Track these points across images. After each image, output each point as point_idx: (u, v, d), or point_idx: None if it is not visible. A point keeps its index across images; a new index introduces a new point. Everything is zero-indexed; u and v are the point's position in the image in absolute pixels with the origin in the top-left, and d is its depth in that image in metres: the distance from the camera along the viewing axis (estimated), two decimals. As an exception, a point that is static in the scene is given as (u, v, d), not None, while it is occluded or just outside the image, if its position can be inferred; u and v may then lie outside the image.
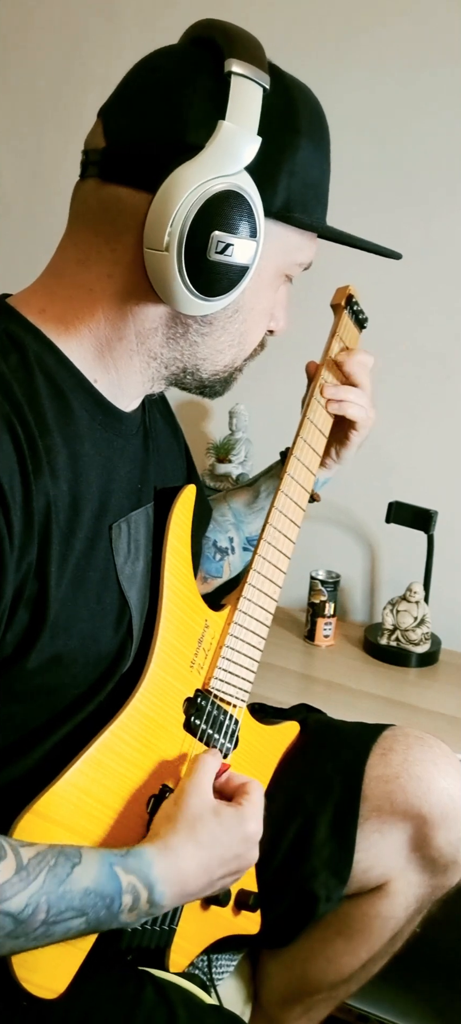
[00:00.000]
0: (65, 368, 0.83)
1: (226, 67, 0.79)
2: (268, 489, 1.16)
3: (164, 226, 0.78)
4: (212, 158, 0.78)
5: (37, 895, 0.72)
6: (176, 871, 0.80)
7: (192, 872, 0.81)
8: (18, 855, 0.72)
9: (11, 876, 0.71)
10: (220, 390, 0.94)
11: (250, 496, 1.17)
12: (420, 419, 1.82)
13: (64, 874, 0.74)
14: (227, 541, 1.15)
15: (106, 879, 0.76)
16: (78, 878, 0.74)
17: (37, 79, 2.12)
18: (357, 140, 1.76)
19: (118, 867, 0.77)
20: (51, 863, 0.73)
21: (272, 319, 0.93)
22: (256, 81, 0.80)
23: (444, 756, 1.08)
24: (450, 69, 1.70)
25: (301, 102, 0.85)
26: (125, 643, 0.88)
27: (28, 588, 0.77)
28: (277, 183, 0.83)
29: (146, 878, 0.78)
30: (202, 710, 0.94)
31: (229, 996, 1.12)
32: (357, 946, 1.11)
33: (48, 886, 0.72)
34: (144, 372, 0.88)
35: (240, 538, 1.17)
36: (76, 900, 0.74)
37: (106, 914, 0.76)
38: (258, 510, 1.16)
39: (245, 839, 0.86)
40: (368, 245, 0.93)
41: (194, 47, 0.85)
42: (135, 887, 0.77)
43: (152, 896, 0.78)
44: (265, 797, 0.91)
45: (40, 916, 0.72)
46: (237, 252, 0.80)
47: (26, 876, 0.72)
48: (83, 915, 0.74)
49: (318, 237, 0.91)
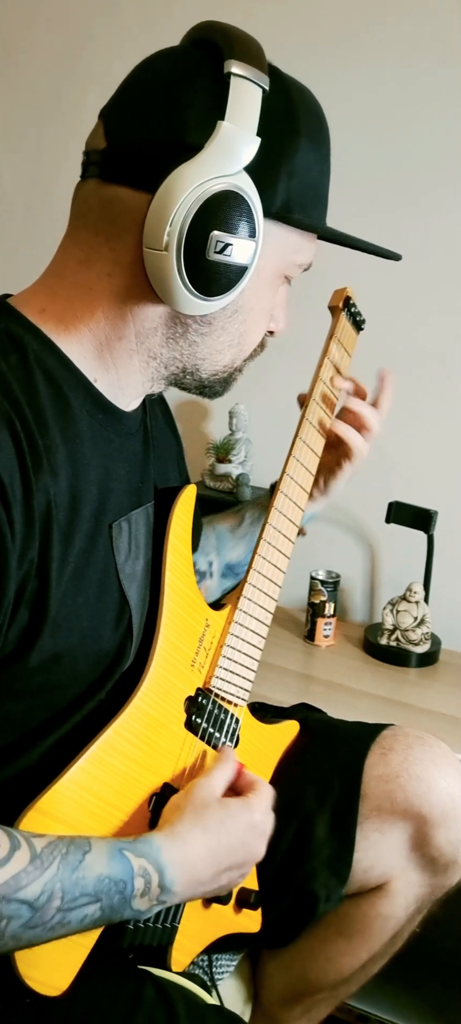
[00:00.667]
0: (65, 367, 0.83)
1: (226, 68, 0.79)
2: (253, 517, 1.17)
3: (163, 226, 0.78)
4: (211, 158, 0.78)
5: (51, 882, 0.72)
6: (184, 855, 0.81)
7: (200, 857, 0.82)
8: (31, 844, 0.73)
9: (26, 865, 0.72)
10: (220, 390, 0.94)
11: (235, 522, 1.18)
12: (420, 419, 1.82)
13: (77, 861, 0.74)
14: (206, 564, 1.15)
15: (118, 864, 0.77)
16: (90, 864, 0.75)
17: (37, 79, 2.12)
18: (357, 140, 1.76)
19: (128, 852, 0.78)
20: (63, 851, 0.74)
21: (272, 320, 0.93)
22: (256, 82, 0.80)
23: (444, 756, 1.08)
24: (450, 69, 1.70)
25: (301, 103, 0.86)
26: (125, 641, 0.88)
27: (29, 586, 0.77)
28: (276, 184, 0.83)
29: (156, 861, 0.79)
30: (203, 709, 0.94)
31: (229, 996, 1.12)
32: (357, 946, 1.11)
33: (62, 873, 0.73)
34: (144, 372, 0.88)
35: (220, 563, 1.17)
36: (90, 886, 0.74)
37: (119, 899, 0.76)
38: (241, 537, 1.16)
39: (251, 826, 0.87)
40: (368, 246, 0.93)
41: (194, 48, 0.85)
42: (146, 870, 0.78)
43: (163, 880, 0.79)
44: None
45: (55, 903, 0.72)
46: (236, 252, 0.80)
47: (40, 864, 0.72)
48: (97, 901, 0.75)
49: (318, 238, 0.91)
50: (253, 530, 1.15)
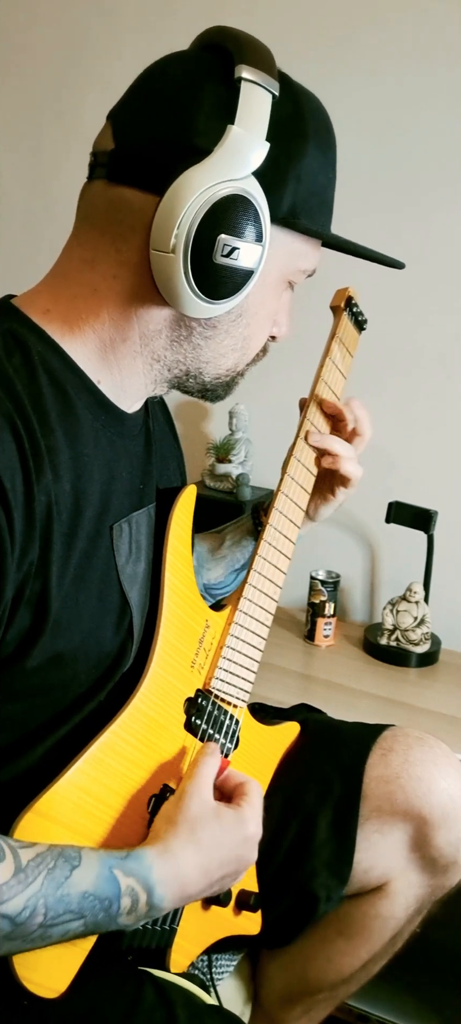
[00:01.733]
0: (68, 368, 0.83)
1: (236, 73, 0.79)
2: (233, 539, 1.16)
3: (171, 228, 0.78)
4: (220, 162, 0.78)
5: (35, 898, 0.72)
6: (176, 874, 0.80)
7: (192, 875, 0.81)
8: (17, 857, 0.72)
9: (9, 879, 0.71)
10: (222, 394, 0.94)
11: (215, 543, 1.17)
12: (420, 419, 1.82)
13: (63, 877, 0.73)
14: None
15: (105, 882, 0.76)
16: (77, 881, 0.74)
17: (37, 79, 2.12)
18: (356, 140, 1.76)
19: (117, 870, 0.77)
20: (50, 865, 0.73)
21: (274, 325, 0.94)
22: (266, 88, 0.80)
23: (444, 756, 1.08)
24: (450, 69, 1.70)
25: (309, 110, 0.86)
26: (126, 643, 0.88)
27: (29, 587, 0.77)
28: (284, 189, 0.83)
29: (146, 881, 0.78)
30: (203, 710, 0.94)
31: (229, 996, 1.12)
32: (357, 946, 1.11)
33: (46, 889, 0.72)
34: (147, 374, 0.89)
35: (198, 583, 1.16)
36: (74, 903, 0.74)
37: (104, 916, 0.76)
38: (220, 558, 1.16)
39: (245, 840, 0.86)
40: (372, 254, 0.94)
41: (205, 53, 0.85)
42: (134, 890, 0.77)
43: (151, 899, 0.78)
44: (265, 797, 0.92)
45: (37, 919, 0.72)
46: (243, 256, 0.81)
47: (24, 878, 0.71)
48: (81, 918, 0.74)
49: (322, 246, 0.91)
50: (232, 552, 1.14)
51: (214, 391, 0.93)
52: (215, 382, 0.91)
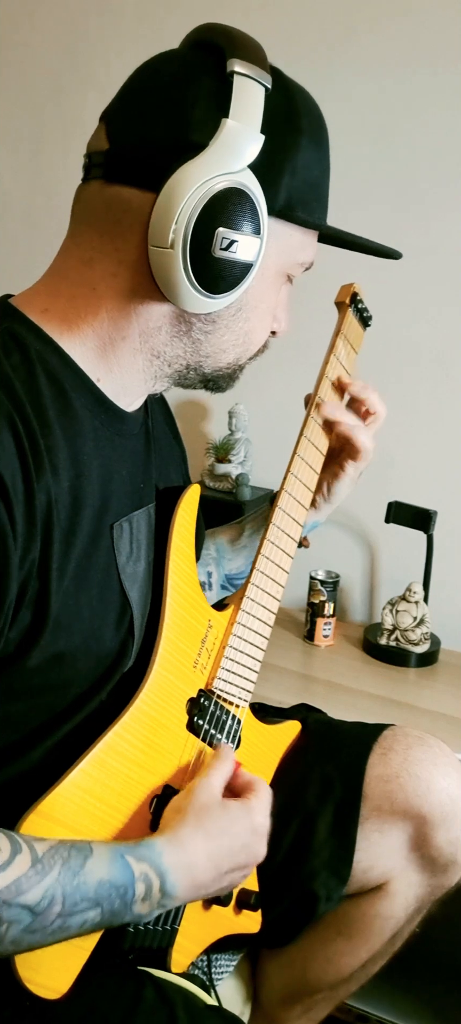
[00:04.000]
0: (67, 367, 0.83)
1: (228, 67, 0.80)
2: (252, 529, 1.16)
3: (169, 224, 0.79)
4: (216, 156, 0.78)
5: (52, 887, 0.72)
6: (186, 860, 0.81)
7: (201, 862, 0.82)
8: (33, 849, 0.73)
9: (27, 870, 0.71)
10: (223, 385, 0.94)
11: (234, 534, 1.17)
12: (420, 419, 1.82)
13: (78, 866, 0.74)
14: (205, 575, 1.14)
15: (119, 869, 0.76)
16: (91, 869, 0.75)
17: (37, 79, 2.12)
18: (355, 139, 1.76)
19: (129, 856, 0.78)
20: (65, 856, 0.74)
21: (274, 320, 0.94)
22: (258, 81, 0.80)
23: (444, 756, 1.08)
24: (450, 69, 1.70)
25: (302, 102, 0.86)
26: (126, 642, 0.88)
27: (31, 586, 0.77)
28: (279, 181, 0.83)
29: (157, 867, 0.79)
30: (205, 710, 0.94)
31: (229, 996, 1.12)
32: (357, 946, 1.11)
33: (63, 878, 0.73)
34: (147, 370, 0.89)
35: (219, 574, 1.16)
36: (91, 891, 0.74)
37: (120, 904, 0.76)
38: (240, 548, 1.16)
39: (252, 830, 0.87)
40: (368, 244, 0.94)
41: (196, 49, 0.85)
42: (147, 875, 0.78)
43: (164, 885, 0.79)
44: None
45: (56, 908, 0.72)
46: (241, 249, 0.81)
47: (42, 869, 0.72)
48: (98, 906, 0.75)
49: (318, 239, 0.92)
50: (252, 542, 1.14)
51: (215, 382, 0.93)
52: (216, 374, 0.91)
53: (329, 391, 1.06)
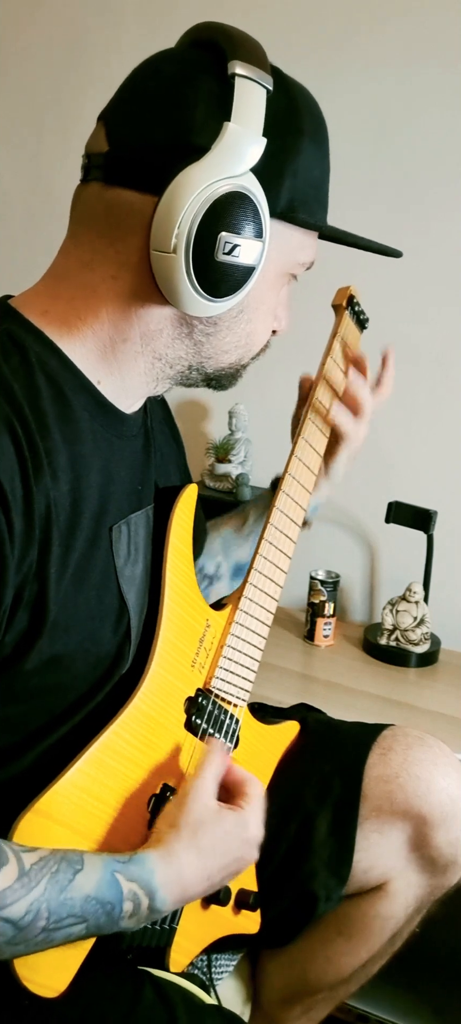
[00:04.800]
0: (67, 369, 0.83)
1: (229, 69, 0.79)
2: (256, 515, 1.16)
3: (171, 228, 0.78)
4: (218, 159, 0.78)
5: (38, 902, 0.72)
6: (178, 878, 0.80)
7: (193, 878, 0.82)
8: (20, 861, 0.72)
9: (12, 882, 0.71)
10: (226, 384, 0.94)
11: (239, 522, 1.17)
12: (420, 419, 1.82)
13: (66, 881, 0.74)
14: (214, 567, 1.14)
15: (107, 886, 0.76)
16: (79, 885, 0.74)
17: (37, 79, 2.12)
18: (355, 139, 1.76)
19: (120, 874, 0.77)
20: (53, 869, 0.73)
21: (275, 319, 0.94)
22: (260, 83, 0.80)
23: (444, 756, 1.08)
24: (449, 69, 1.70)
25: (303, 103, 0.86)
26: (123, 645, 0.88)
27: (28, 589, 0.77)
28: (281, 184, 0.83)
29: (148, 885, 0.78)
30: (203, 709, 0.94)
31: (228, 996, 1.12)
32: (357, 946, 1.11)
33: (49, 893, 0.72)
34: (149, 372, 0.88)
35: (229, 564, 1.16)
36: (77, 907, 0.74)
37: (106, 920, 0.76)
38: (246, 535, 1.16)
39: (246, 843, 0.87)
40: (369, 244, 0.94)
41: (196, 50, 0.85)
42: (136, 894, 0.77)
43: (153, 903, 0.79)
44: (265, 796, 0.91)
45: (40, 923, 0.72)
46: (244, 253, 0.81)
47: (28, 882, 0.72)
48: (83, 921, 0.75)
49: (319, 238, 0.91)
50: (258, 527, 1.14)
51: (218, 380, 0.93)
52: (218, 373, 0.91)
53: (326, 393, 1.07)
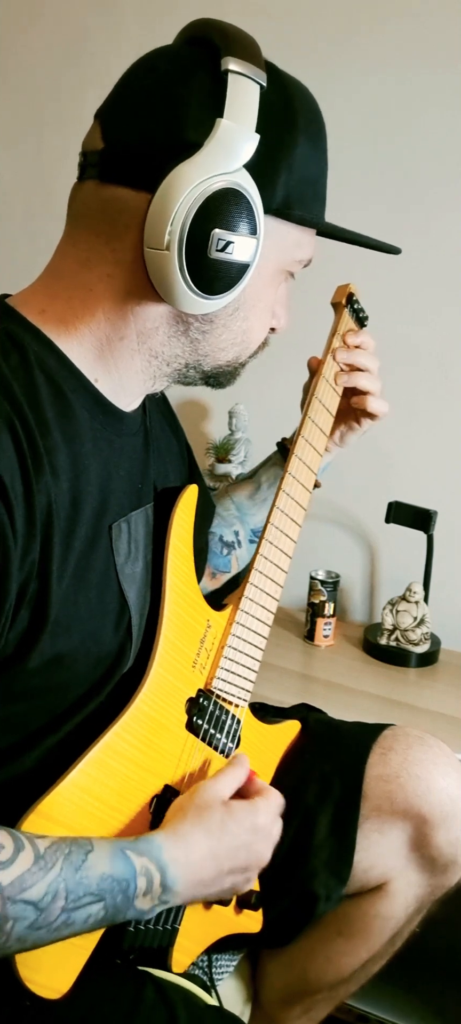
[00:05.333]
0: (65, 368, 0.83)
1: (223, 65, 0.79)
2: (269, 480, 1.17)
3: (164, 225, 0.78)
4: (211, 156, 0.78)
5: (56, 882, 0.72)
6: (185, 855, 0.81)
7: (201, 857, 0.82)
8: (35, 845, 0.73)
9: (31, 865, 0.72)
10: (224, 382, 0.94)
11: (252, 488, 1.18)
12: (420, 419, 1.82)
13: (80, 861, 0.74)
14: (233, 535, 1.15)
15: (120, 863, 0.77)
16: (93, 864, 0.75)
17: (37, 79, 2.12)
18: (355, 139, 1.76)
19: (130, 851, 0.78)
20: (66, 852, 0.74)
21: (273, 317, 0.94)
22: (253, 79, 0.80)
23: (444, 756, 1.08)
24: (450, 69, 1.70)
25: (298, 99, 0.86)
26: (125, 644, 0.88)
27: (30, 588, 0.77)
28: (276, 180, 0.83)
29: (158, 860, 0.79)
30: (204, 710, 0.94)
31: (229, 996, 1.12)
32: (357, 946, 1.11)
33: (66, 873, 0.73)
34: (146, 371, 0.88)
35: (245, 531, 1.17)
36: (93, 885, 0.75)
37: (123, 899, 0.76)
38: (261, 501, 1.17)
39: (254, 829, 0.87)
40: (367, 240, 0.94)
41: (190, 46, 0.85)
42: (148, 869, 0.78)
43: (165, 880, 0.79)
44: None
45: (60, 903, 0.73)
46: (237, 250, 0.81)
47: (44, 864, 0.72)
48: (101, 900, 0.75)
49: (317, 234, 0.91)
50: (271, 493, 1.15)
51: (216, 378, 0.93)
52: (216, 371, 0.92)
53: (326, 391, 1.07)
